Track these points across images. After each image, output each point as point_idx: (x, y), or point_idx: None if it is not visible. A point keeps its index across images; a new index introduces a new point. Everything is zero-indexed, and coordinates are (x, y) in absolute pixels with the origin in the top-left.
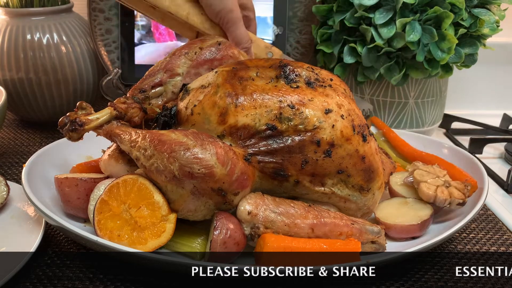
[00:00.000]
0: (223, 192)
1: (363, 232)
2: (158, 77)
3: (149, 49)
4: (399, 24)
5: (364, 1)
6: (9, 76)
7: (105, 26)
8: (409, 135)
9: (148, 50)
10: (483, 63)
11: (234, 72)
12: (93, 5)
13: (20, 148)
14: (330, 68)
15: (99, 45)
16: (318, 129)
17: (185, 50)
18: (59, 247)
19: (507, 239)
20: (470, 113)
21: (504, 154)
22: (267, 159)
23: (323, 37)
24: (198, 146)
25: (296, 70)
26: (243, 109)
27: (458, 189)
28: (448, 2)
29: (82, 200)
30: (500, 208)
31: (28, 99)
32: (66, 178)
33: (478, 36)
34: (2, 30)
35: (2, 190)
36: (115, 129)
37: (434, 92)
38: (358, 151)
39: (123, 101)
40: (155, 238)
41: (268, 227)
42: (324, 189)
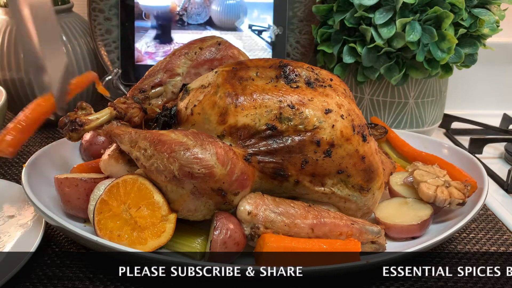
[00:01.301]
0: (223, 192)
1: (363, 232)
2: (158, 77)
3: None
4: (399, 24)
5: (364, 1)
6: (9, 76)
7: (105, 26)
8: (409, 135)
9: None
10: (483, 63)
11: (234, 72)
12: (93, 5)
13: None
14: (330, 68)
15: (99, 45)
16: (318, 129)
17: (185, 50)
18: (59, 247)
19: (507, 239)
20: (470, 113)
21: (504, 154)
22: (267, 159)
23: (323, 37)
24: (198, 146)
25: (296, 70)
26: (243, 109)
27: (458, 189)
28: (448, 2)
29: (82, 200)
30: (500, 208)
31: (28, 99)
32: (66, 178)
33: (478, 36)
34: (2, 30)
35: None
36: (115, 129)
37: (434, 92)
38: (358, 151)
39: (123, 101)
40: (155, 238)
41: (268, 227)
42: (324, 189)
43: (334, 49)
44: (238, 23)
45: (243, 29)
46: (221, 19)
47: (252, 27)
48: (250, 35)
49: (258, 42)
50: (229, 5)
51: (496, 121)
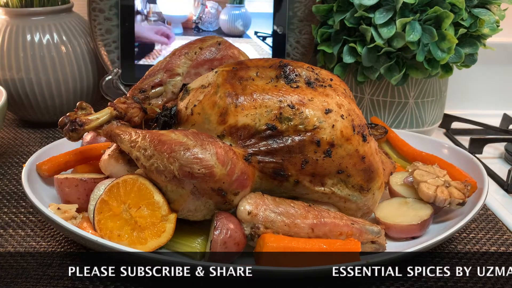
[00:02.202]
0: (223, 192)
1: (363, 232)
2: (158, 77)
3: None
4: (399, 24)
5: (364, 1)
6: (9, 76)
7: (105, 26)
8: (409, 135)
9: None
10: (483, 63)
11: (234, 72)
12: (93, 5)
13: (20, 148)
14: (330, 68)
15: (99, 45)
16: (318, 129)
17: (185, 50)
18: (59, 247)
19: (507, 239)
20: (470, 113)
21: (504, 154)
22: (267, 159)
23: (323, 37)
24: (198, 146)
25: (296, 70)
26: (243, 109)
27: (458, 189)
28: (448, 2)
29: (82, 200)
30: (500, 208)
31: (28, 99)
32: (66, 178)
33: (478, 36)
34: (2, 30)
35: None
36: (115, 129)
37: (434, 92)
38: (358, 151)
39: (123, 101)
40: (155, 238)
41: (268, 227)
42: (324, 189)
43: (334, 49)
44: (243, 30)
45: (250, 36)
46: (228, 27)
47: (257, 33)
48: (256, 41)
49: (263, 47)
50: (235, 15)
51: (496, 121)
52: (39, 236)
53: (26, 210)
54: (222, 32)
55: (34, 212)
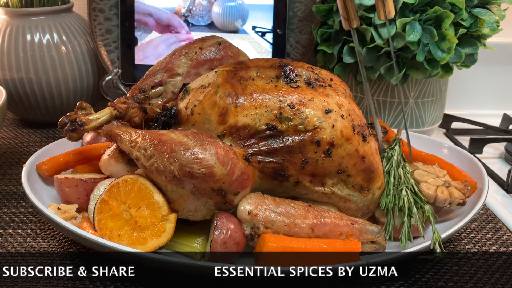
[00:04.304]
0: (223, 192)
1: (363, 232)
2: (158, 77)
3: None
4: (399, 24)
5: (364, 1)
6: (9, 76)
7: (105, 26)
8: (409, 135)
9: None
10: (483, 63)
11: (234, 72)
12: (93, 5)
13: (20, 148)
14: (330, 68)
15: (99, 45)
16: (318, 129)
17: (185, 50)
18: (59, 247)
19: (507, 239)
20: (470, 113)
21: (504, 154)
22: (267, 159)
23: (323, 37)
24: (198, 146)
25: (296, 70)
26: (243, 109)
27: (458, 189)
28: (448, 2)
29: (82, 200)
30: (500, 208)
31: (28, 99)
32: (66, 178)
33: (478, 36)
34: (2, 30)
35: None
36: (115, 129)
37: (434, 92)
38: (358, 151)
39: (123, 101)
40: (155, 238)
41: (268, 227)
42: (324, 189)
43: (334, 49)
44: (239, 25)
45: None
46: (222, 21)
47: (256, 28)
48: (254, 37)
49: (262, 44)
50: (229, 7)
51: (496, 121)
52: (39, 236)
53: (26, 210)
54: (215, 27)
55: (34, 212)
